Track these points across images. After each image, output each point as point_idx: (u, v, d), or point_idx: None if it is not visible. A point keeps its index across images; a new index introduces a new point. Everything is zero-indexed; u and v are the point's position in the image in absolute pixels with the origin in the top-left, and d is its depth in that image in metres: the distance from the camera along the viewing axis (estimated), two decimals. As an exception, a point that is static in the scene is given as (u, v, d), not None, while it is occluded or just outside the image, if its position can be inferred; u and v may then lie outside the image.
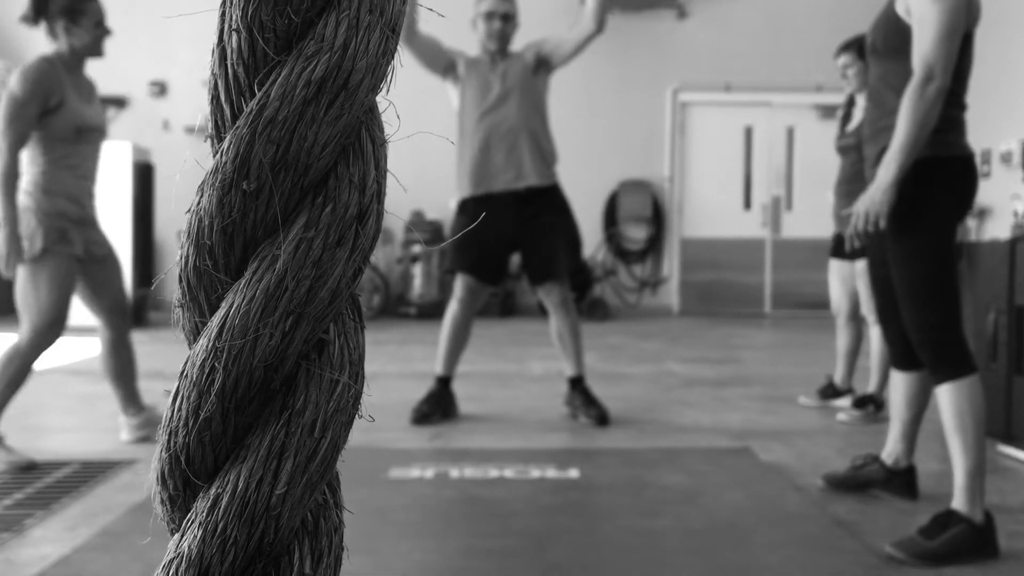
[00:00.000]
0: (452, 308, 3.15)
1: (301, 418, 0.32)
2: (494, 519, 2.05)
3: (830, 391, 3.52)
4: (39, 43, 8.18)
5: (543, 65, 3.13)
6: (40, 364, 4.44)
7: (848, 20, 7.72)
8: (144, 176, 6.52)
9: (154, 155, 6.83)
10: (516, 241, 3.13)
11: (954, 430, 1.86)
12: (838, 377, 3.52)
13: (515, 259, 3.44)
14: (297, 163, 0.32)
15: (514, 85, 3.08)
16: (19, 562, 1.77)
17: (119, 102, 7.89)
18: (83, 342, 5.43)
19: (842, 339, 3.52)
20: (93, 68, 9.51)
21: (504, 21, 3.10)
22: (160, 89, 7.90)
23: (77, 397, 3.62)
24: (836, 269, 3.55)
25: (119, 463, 2.53)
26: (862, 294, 3.29)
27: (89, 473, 2.42)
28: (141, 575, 1.67)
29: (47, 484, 2.31)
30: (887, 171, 1.83)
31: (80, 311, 6.17)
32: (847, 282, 3.47)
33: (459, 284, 3.14)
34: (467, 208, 3.12)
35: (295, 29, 0.33)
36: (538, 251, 3.10)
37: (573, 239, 3.19)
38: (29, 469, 2.44)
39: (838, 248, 3.48)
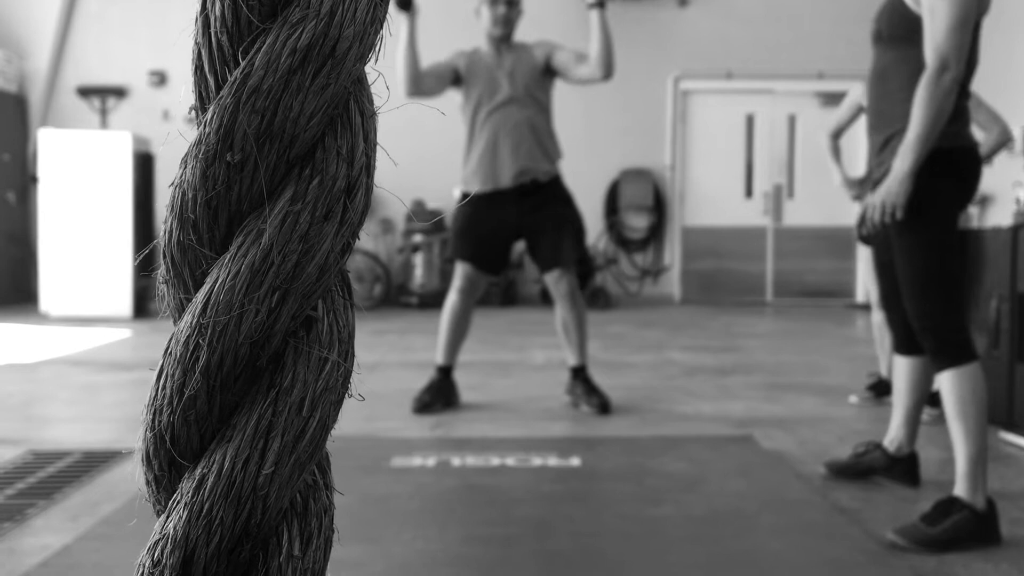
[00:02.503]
0: (451, 299, 3.14)
1: (289, 397, 0.31)
2: (496, 507, 2.05)
3: (882, 387, 3.30)
4: (41, 35, 8.15)
5: (551, 72, 3.12)
6: (42, 355, 4.46)
7: (849, 7, 7.67)
8: (144, 166, 6.51)
9: (154, 145, 6.81)
10: (519, 231, 3.13)
11: (956, 417, 1.85)
12: (885, 370, 3.25)
13: (517, 249, 3.43)
14: (283, 134, 0.31)
15: (521, 86, 3.07)
16: (21, 551, 1.77)
17: (119, 92, 7.87)
18: (85, 332, 5.44)
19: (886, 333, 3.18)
20: (93, 58, 9.43)
21: (509, 6, 3.08)
22: (160, 79, 7.88)
23: (79, 387, 3.62)
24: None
25: (121, 453, 2.53)
26: None
27: (91, 463, 2.42)
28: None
29: (49, 474, 2.31)
30: (904, 162, 1.82)
31: (82, 303, 6.19)
32: None
33: (458, 274, 3.13)
34: (471, 200, 3.12)
35: (280, -5, 0.32)
36: (544, 239, 3.10)
37: (577, 228, 3.18)
38: None
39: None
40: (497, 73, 3.08)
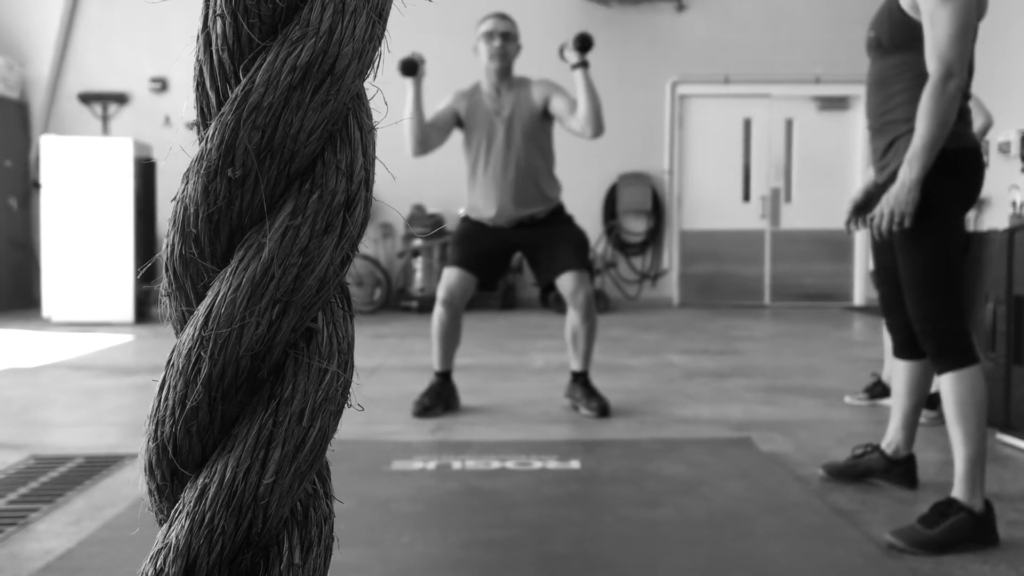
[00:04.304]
0: (436, 311, 3.11)
1: (289, 407, 0.32)
2: (496, 510, 2.06)
3: (878, 389, 3.34)
4: (42, 42, 8.16)
5: (549, 116, 3.13)
6: (44, 359, 4.46)
7: (847, 12, 7.69)
8: (145, 172, 6.53)
9: (156, 151, 6.83)
10: (520, 247, 3.18)
11: (955, 419, 1.86)
12: (886, 374, 3.30)
13: (516, 255, 3.45)
14: (283, 150, 0.32)
15: (520, 133, 3.09)
16: (23, 556, 1.77)
17: (120, 98, 7.89)
18: (87, 337, 5.44)
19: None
20: (94, 64, 9.45)
21: (504, 39, 3.07)
22: (161, 85, 7.90)
23: (81, 392, 3.62)
24: None
25: (123, 457, 2.53)
26: None
27: (93, 467, 2.42)
28: (143, 569, 1.67)
29: (51, 478, 2.32)
30: (911, 170, 1.82)
31: (83, 308, 6.19)
32: None
33: (441, 284, 3.11)
34: (473, 220, 3.20)
35: (280, 14, 0.32)
36: (544, 252, 3.13)
37: (580, 240, 3.20)
38: None
39: None
40: (495, 120, 3.10)
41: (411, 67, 2.93)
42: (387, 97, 0.36)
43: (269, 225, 0.32)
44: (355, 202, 0.33)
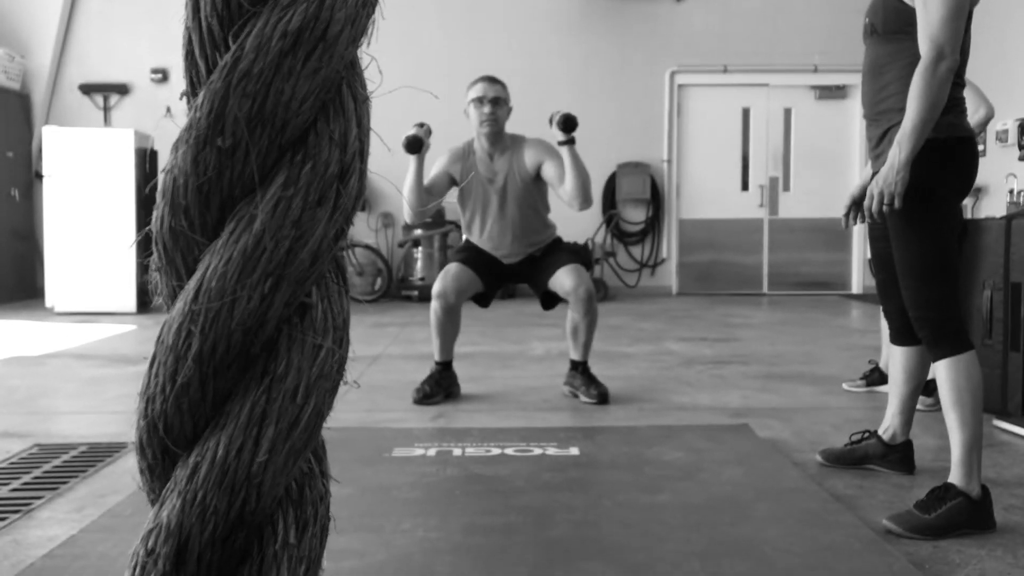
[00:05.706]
0: (432, 306, 3.11)
1: (283, 384, 0.31)
2: (496, 496, 2.06)
3: (876, 376, 3.34)
4: (43, 33, 8.13)
5: (540, 179, 3.14)
6: (48, 348, 4.45)
7: (844, 1, 7.64)
8: (147, 162, 6.53)
9: (156, 142, 6.82)
10: (518, 276, 3.24)
11: (951, 405, 1.86)
12: (884, 361, 3.29)
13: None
14: (274, 118, 0.31)
15: (512, 203, 3.11)
16: (26, 543, 1.77)
17: (121, 89, 7.87)
18: (90, 327, 5.43)
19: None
20: (95, 55, 9.49)
21: (494, 104, 3.06)
22: (162, 76, 7.89)
23: (84, 380, 3.62)
24: None
25: (126, 445, 2.53)
26: None
27: (96, 455, 2.42)
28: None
29: (55, 466, 2.32)
30: (901, 151, 1.82)
31: (86, 297, 6.18)
32: None
33: (439, 279, 3.10)
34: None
35: (270, -21, 0.31)
36: (543, 266, 3.15)
37: (575, 250, 3.25)
38: None
39: None
40: (489, 188, 3.13)
41: (416, 146, 2.95)
42: (382, 66, 0.35)
43: (261, 196, 0.31)
44: (349, 173, 0.32)
